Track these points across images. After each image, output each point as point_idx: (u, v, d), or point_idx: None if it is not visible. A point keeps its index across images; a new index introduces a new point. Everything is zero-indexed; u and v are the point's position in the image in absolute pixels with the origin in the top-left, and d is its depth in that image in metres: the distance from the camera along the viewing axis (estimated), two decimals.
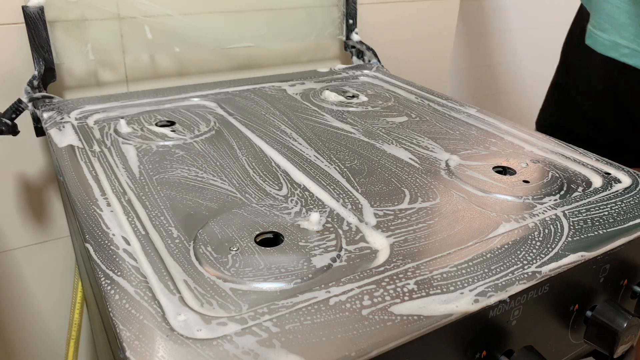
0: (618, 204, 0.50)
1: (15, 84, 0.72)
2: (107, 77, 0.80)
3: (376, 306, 0.35)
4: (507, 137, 0.67)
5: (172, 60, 0.84)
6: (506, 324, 0.41)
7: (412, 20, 1.06)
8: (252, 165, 0.56)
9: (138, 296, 0.35)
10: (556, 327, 0.46)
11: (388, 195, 0.51)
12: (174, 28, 0.81)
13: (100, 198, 0.47)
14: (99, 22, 0.75)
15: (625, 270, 0.49)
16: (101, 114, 0.69)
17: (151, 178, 0.53)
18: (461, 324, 0.37)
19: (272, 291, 0.37)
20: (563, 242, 0.43)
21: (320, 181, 0.53)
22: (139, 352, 0.31)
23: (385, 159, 0.59)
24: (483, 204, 0.50)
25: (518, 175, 0.56)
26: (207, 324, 0.33)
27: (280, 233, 0.43)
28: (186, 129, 0.66)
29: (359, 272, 0.39)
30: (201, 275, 0.38)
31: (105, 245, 0.40)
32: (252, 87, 0.83)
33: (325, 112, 0.73)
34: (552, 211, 0.48)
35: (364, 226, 0.45)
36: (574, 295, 0.45)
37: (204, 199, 0.49)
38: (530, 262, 0.41)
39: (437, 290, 0.37)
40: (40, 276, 0.84)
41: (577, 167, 0.59)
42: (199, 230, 0.44)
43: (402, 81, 0.89)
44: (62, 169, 0.53)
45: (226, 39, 0.86)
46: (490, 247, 0.42)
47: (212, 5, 0.83)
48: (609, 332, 0.45)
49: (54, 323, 0.89)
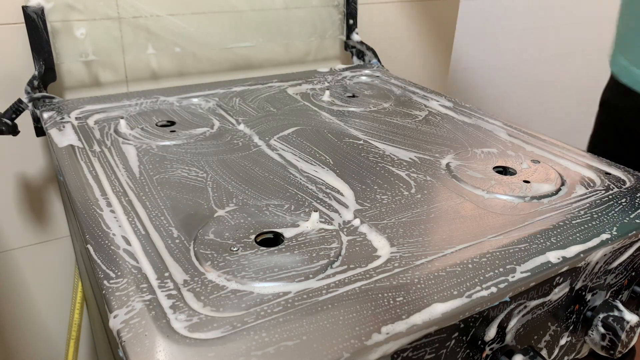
0: (618, 204, 0.50)
1: (15, 84, 0.72)
2: (107, 77, 0.80)
3: (376, 306, 0.35)
4: (508, 137, 0.67)
5: (172, 60, 0.84)
6: (506, 324, 0.41)
7: (412, 20, 1.06)
8: (252, 165, 0.56)
9: (138, 296, 0.35)
10: (556, 327, 0.46)
11: (388, 195, 0.51)
12: (174, 28, 0.81)
13: (100, 198, 0.47)
14: (99, 22, 0.75)
15: (625, 270, 0.49)
16: (101, 114, 0.69)
17: (151, 178, 0.53)
18: (462, 324, 0.37)
19: (273, 291, 0.37)
20: (563, 242, 0.43)
21: (321, 181, 0.53)
22: (139, 352, 0.31)
23: (386, 159, 0.59)
24: (483, 203, 0.50)
25: (518, 175, 0.56)
26: (207, 324, 0.33)
27: (280, 233, 0.43)
28: (186, 129, 0.66)
29: (359, 272, 0.39)
30: (201, 275, 0.38)
31: (105, 245, 0.40)
32: (252, 87, 0.83)
33: (326, 112, 0.73)
34: (552, 211, 0.48)
35: (364, 226, 0.45)
36: (574, 295, 0.45)
37: (204, 199, 0.49)
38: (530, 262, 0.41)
39: (437, 291, 0.37)
40: (40, 276, 0.84)
41: (577, 167, 0.59)
42: (199, 230, 0.44)
43: (402, 81, 0.89)
44: (62, 169, 0.53)
45: (226, 39, 0.86)
46: (491, 247, 0.42)
47: (212, 5, 0.83)
48: (609, 332, 0.45)
49: (54, 323, 0.89)
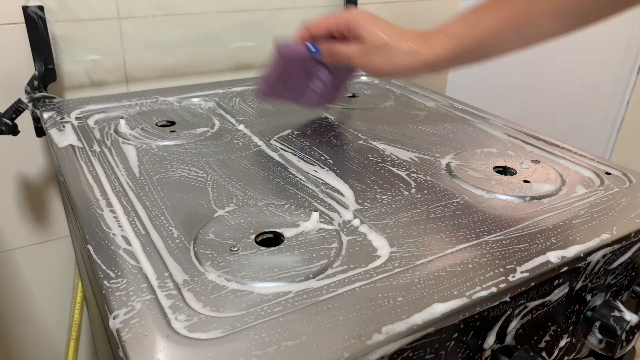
0: (618, 204, 0.50)
1: (15, 84, 0.72)
2: (107, 77, 0.80)
3: (376, 306, 0.35)
4: (508, 137, 0.67)
5: (172, 60, 0.84)
6: (507, 324, 0.41)
7: (412, 20, 1.06)
8: (252, 165, 0.56)
9: (138, 296, 0.35)
10: (556, 327, 0.46)
11: (388, 195, 0.51)
12: (174, 28, 0.81)
13: (100, 198, 0.47)
14: (99, 22, 0.75)
15: (625, 270, 0.49)
16: (101, 114, 0.69)
17: (151, 178, 0.53)
18: (462, 324, 0.37)
19: (273, 291, 0.37)
20: (563, 242, 0.43)
21: (321, 181, 0.53)
22: (139, 352, 0.31)
23: (386, 159, 0.59)
24: (483, 203, 0.50)
25: (518, 175, 0.56)
26: (207, 324, 0.33)
27: (280, 233, 0.43)
28: (186, 129, 0.66)
29: (359, 272, 0.39)
30: (201, 275, 0.38)
31: (105, 245, 0.40)
32: (252, 87, 0.83)
33: (326, 112, 0.73)
34: (552, 211, 0.48)
35: (364, 226, 0.45)
36: (574, 295, 0.45)
37: (204, 199, 0.49)
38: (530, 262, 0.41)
39: (437, 290, 0.37)
40: (40, 276, 0.84)
41: (577, 167, 0.59)
42: (199, 230, 0.44)
43: (402, 81, 0.89)
44: (62, 169, 0.53)
45: (226, 39, 0.86)
46: (491, 247, 0.42)
47: (213, 5, 0.83)
48: (609, 332, 0.45)
49: (54, 323, 0.89)
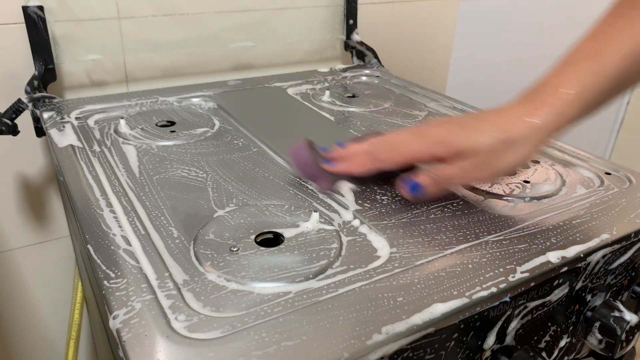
0: (618, 204, 0.50)
1: (15, 84, 0.72)
2: (107, 77, 0.80)
3: (376, 306, 0.35)
4: None
5: (172, 60, 0.84)
6: (506, 324, 0.41)
7: (412, 20, 1.06)
8: (252, 166, 0.56)
9: (138, 296, 0.35)
10: (556, 327, 0.46)
11: (388, 195, 0.51)
12: (174, 28, 0.81)
13: (100, 198, 0.47)
14: (99, 22, 0.75)
15: (625, 271, 0.49)
16: (101, 114, 0.69)
17: (151, 178, 0.53)
18: (461, 324, 0.37)
19: (273, 291, 0.37)
20: (563, 242, 0.43)
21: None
22: (138, 352, 0.31)
23: None
24: (483, 204, 0.50)
25: (518, 175, 0.56)
26: (207, 324, 0.33)
27: (280, 233, 0.43)
28: (186, 129, 0.66)
29: (359, 273, 0.39)
30: (201, 275, 0.38)
31: (105, 245, 0.40)
32: (252, 87, 0.83)
33: (326, 113, 0.73)
34: (552, 211, 0.48)
35: (364, 226, 0.45)
36: (574, 295, 0.45)
37: (204, 199, 0.49)
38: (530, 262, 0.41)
39: (437, 291, 0.37)
40: (40, 276, 0.84)
41: (577, 167, 0.59)
42: (199, 230, 0.44)
43: (402, 81, 0.89)
44: (62, 169, 0.53)
45: (226, 39, 0.86)
46: (491, 247, 0.42)
47: (213, 5, 0.83)
48: (609, 332, 0.45)
49: (54, 323, 0.89)
